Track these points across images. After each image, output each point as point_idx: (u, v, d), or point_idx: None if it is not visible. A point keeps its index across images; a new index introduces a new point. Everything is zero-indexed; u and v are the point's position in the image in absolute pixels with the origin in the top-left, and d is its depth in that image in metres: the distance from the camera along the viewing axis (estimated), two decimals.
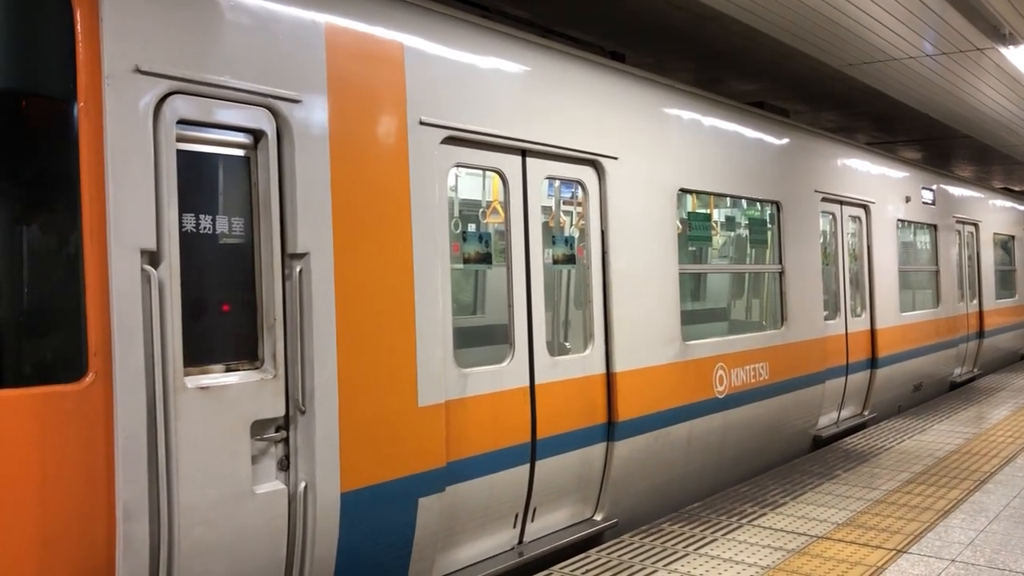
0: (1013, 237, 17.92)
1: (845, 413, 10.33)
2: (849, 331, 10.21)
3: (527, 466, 5.58)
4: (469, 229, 5.62)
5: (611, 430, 6.26)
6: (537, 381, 5.67)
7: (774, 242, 8.76)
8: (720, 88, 9.69)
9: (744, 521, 6.39)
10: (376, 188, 4.61)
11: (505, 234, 5.59)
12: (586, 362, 6.13)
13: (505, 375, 5.46)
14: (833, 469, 7.99)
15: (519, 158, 5.66)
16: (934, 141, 15.30)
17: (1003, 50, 9.16)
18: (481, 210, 6.29)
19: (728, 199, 8.27)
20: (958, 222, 14.39)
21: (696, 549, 5.75)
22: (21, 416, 3.38)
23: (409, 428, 4.70)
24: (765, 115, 8.85)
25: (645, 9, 7.85)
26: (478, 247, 5.47)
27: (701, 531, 6.15)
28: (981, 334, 15.28)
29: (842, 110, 12.65)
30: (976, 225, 15.40)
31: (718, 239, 8.19)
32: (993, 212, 16.54)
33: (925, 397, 12.57)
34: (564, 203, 6.63)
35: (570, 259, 6.22)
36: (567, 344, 6.49)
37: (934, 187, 13.35)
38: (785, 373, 8.51)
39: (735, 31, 8.38)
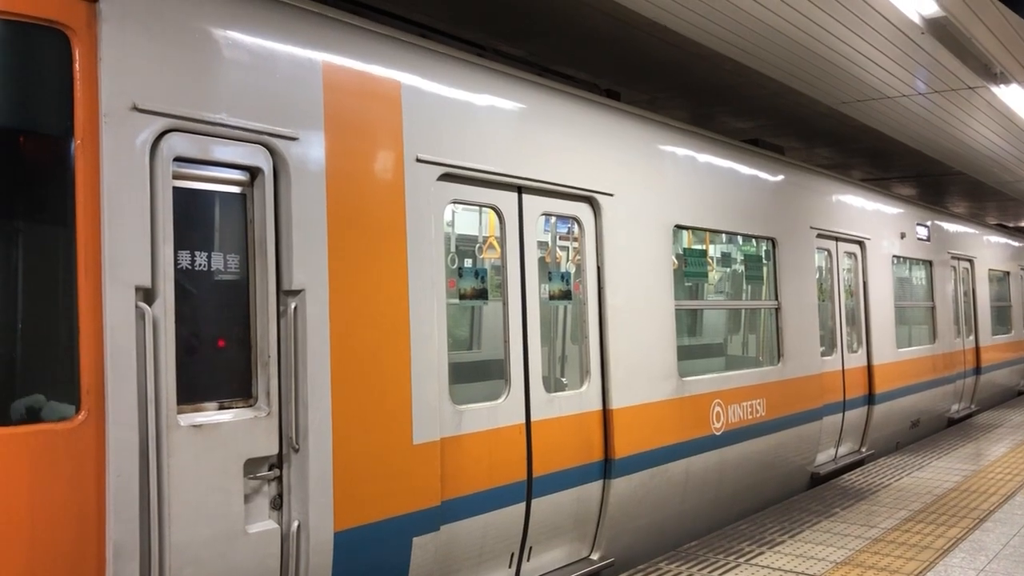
0: (1008, 273, 17.97)
1: (843, 450, 10.28)
2: (846, 367, 10.19)
3: (523, 504, 5.53)
4: (465, 265, 5.62)
5: (608, 467, 6.21)
6: (533, 418, 5.64)
7: (770, 278, 8.77)
8: (714, 125, 9.77)
9: (742, 560, 6.33)
10: (372, 225, 4.61)
11: (501, 270, 5.59)
12: (582, 398, 6.10)
13: (501, 412, 5.42)
14: (831, 507, 7.94)
15: (515, 195, 5.68)
16: (928, 177, 15.44)
17: (995, 89, 9.28)
18: (477, 246, 6.30)
19: (724, 235, 8.29)
20: (953, 258, 14.44)
21: None
22: (11, 454, 3.34)
23: (403, 466, 4.66)
24: (760, 152, 8.91)
25: (639, 48, 7.95)
26: (474, 283, 5.47)
27: (699, 570, 6.10)
28: (978, 370, 15.26)
29: (836, 147, 12.74)
30: (971, 261, 15.45)
31: (714, 275, 8.21)
32: (988, 248, 16.60)
33: (923, 433, 12.52)
34: (560, 239, 6.64)
35: (566, 295, 6.22)
36: (564, 380, 6.46)
37: (929, 223, 13.42)
38: (782, 409, 8.47)
39: (727, 69, 8.47)
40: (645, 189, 6.84)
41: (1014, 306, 18.13)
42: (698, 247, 8.10)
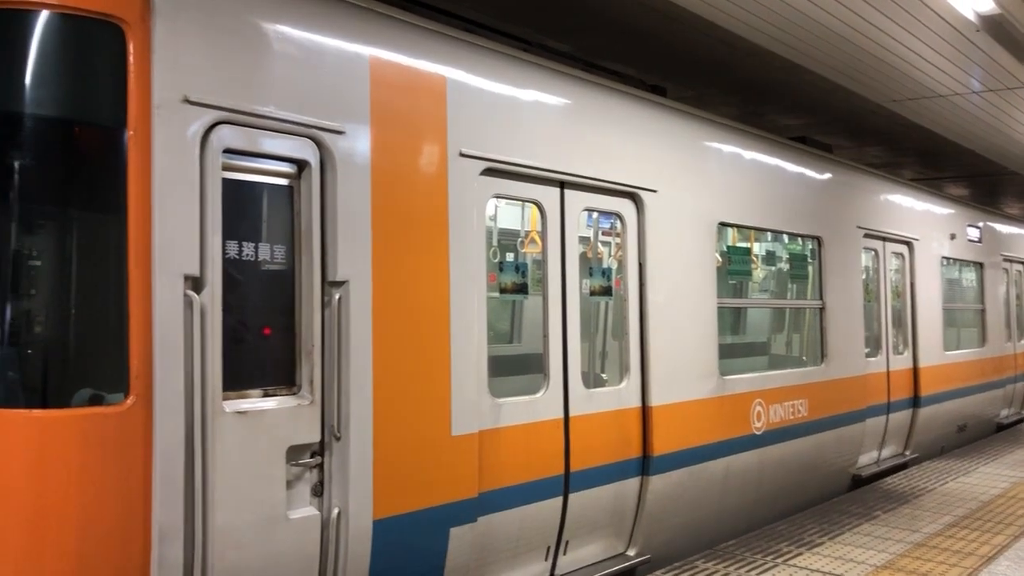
0: None
1: (886, 452, 10.13)
2: (891, 369, 10.04)
3: (560, 499, 5.55)
4: (506, 259, 5.65)
5: (646, 464, 6.20)
6: (571, 413, 5.65)
7: (815, 277, 8.67)
8: (763, 122, 9.68)
9: (780, 560, 6.27)
10: (415, 218, 4.66)
11: (542, 264, 5.61)
12: (621, 395, 6.09)
13: (539, 406, 5.45)
14: (873, 509, 7.82)
15: (557, 190, 5.69)
16: (982, 178, 15.16)
17: None
18: (519, 240, 6.32)
19: (769, 233, 8.22)
20: (1006, 260, 14.13)
21: None
22: (64, 437, 3.45)
23: (442, 457, 4.71)
24: (807, 150, 8.81)
25: (688, 44, 7.90)
26: (514, 277, 5.49)
27: (736, 570, 6.05)
28: None
29: (887, 145, 12.56)
30: None
31: (758, 273, 8.14)
32: None
33: (969, 438, 12.28)
34: (602, 234, 6.64)
35: (607, 291, 6.22)
36: (603, 376, 6.47)
37: (980, 224, 13.15)
38: (825, 410, 8.38)
39: (777, 66, 8.39)
40: (689, 186, 6.80)
41: None
42: (742, 245, 8.04)
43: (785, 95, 9.66)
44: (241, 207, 4.02)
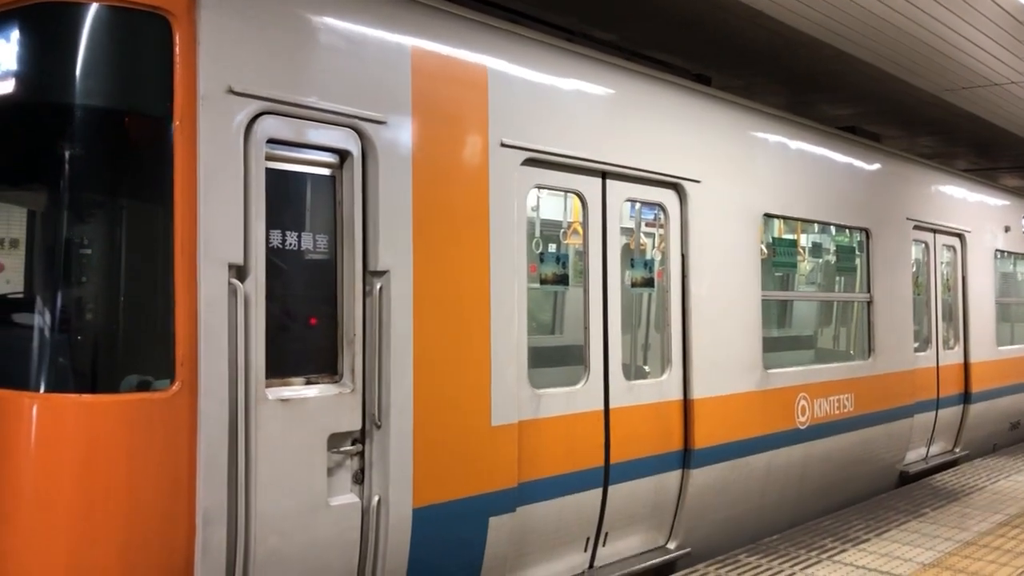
0: None
1: (935, 449, 9.94)
2: (941, 364, 9.84)
3: (600, 490, 5.54)
4: (548, 250, 5.63)
5: (687, 457, 6.16)
6: (612, 405, 5.63)
7: (863, 270, 8.52)
8: (812, 112, 9.53)
9: (824, 556, 6.17)
10: (456, 208, 4.67)
11: (583, 255, 5.59)
12: (663, 387, 6.06)
13: (579, 397, 5.44)
14: (921, 507, 7.68)
15: (599, 180, 5.66)
16: None
17: None
18: (562, 231, 6.31)
19: (815, 225, 8.09)
20: None
21: None
22: (113, 421, 3.53)
23: (482, 447, 4.72)
24: (855, 140, 8.65)
25: (736, 33, 7.81)
26: (555, 268, 5.48)
27: (779, 564, 5.99)
28: None
29: (939, 135, 12.32)
30: None
31: (804, 266, 8.03)
32: None
33: (1023, 436, 12.00)
34: (645, 225, 6.60)
35: (649, 282, 6.18)
36: (645, 368, 6.43)
37: None
38: (871, 405, 8.24)
39: (826, 55, 8.25)
40: (733, 176, 6.72)
41: None
42: (788, 236, 7.93)
43: (834, 85, 9.51)
44: (284, 197, 4.06)
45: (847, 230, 8.58)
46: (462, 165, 4.73)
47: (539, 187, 5.32)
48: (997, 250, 11.42)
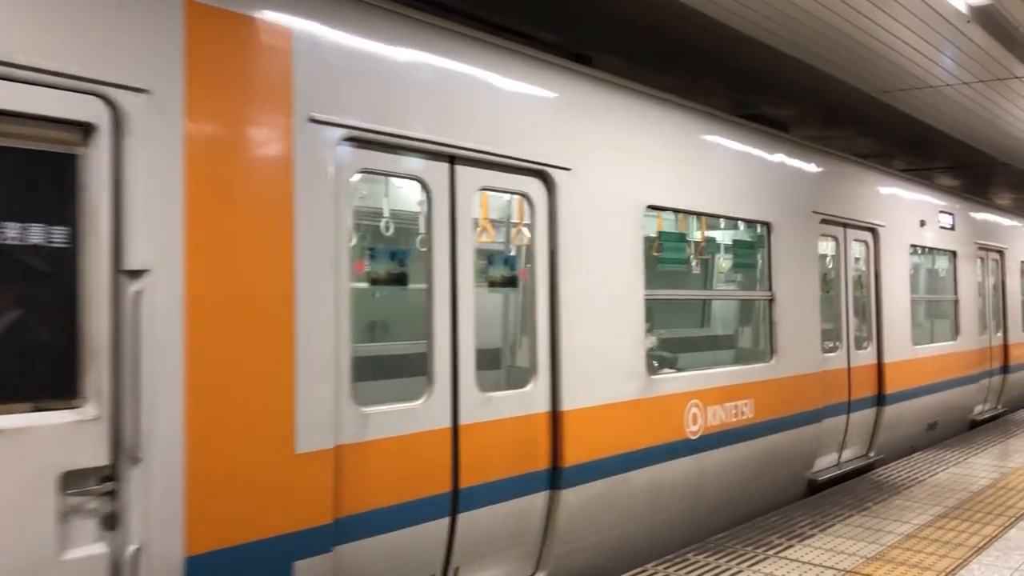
0: None
1: (848, 454, 9.45)
2: (852, 365, 9.35)
3: (446, 520, 4.84)
4: (380, 245, 4.89)
5: (556, 477, 5.50)
6: (462, 421, 4.94)
7: (764, 267, 7.96)
8: (754, 112, 9.13)
9: (771, 553, 6.23)
10: (247, 195, 3.92)
11: (427, 251, 4.88)
12: (527, 399, 5.38)
13: (420, 414, 4.73)
14: (864, 501, 7.82)
15: (446, 165, 4.96)
16: (972, 168, 15.01)
17: None
18: (384, 221, 5.43)
19: (708, 218, 7.50)
20: (981, 249, 13.45)
21: None
22: None
23: (283, 478, 3.99)
24: (756, 128, 8.06)
25: (674, 33, 7.72)
26: (389, 265, 4.75)
27: (727, 562, 6.02)
28: (1006, 368, 14.27)
29: (878, 136, 12.38)
30: (1002, 252, 14.43)
31: (695, 262, 7.43)
32: (1021, 238, 15.54)
33: (941, 437, 11.63)
34: (503, 219, 5.92)
35: (511, 282, 5.50)
36: (505, 378, 5.75)
37: (953, 211, 12.45)
38: (774, 411, 7.69)
39: (764, 55, 8.24)
40: (611, 164, 6.08)
41: None
42: (676, 231, 7.31)
43: (775, 85, 9.45)
44: (6, 180, 3.28)
45: (746, 224, 8.01)
46: (256, 144, 3.97)
47: (366, 172, 4.59)
48: (913, 245, 11.01)
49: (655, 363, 8.08)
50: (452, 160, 4.98)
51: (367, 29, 4.55)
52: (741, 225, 8.16)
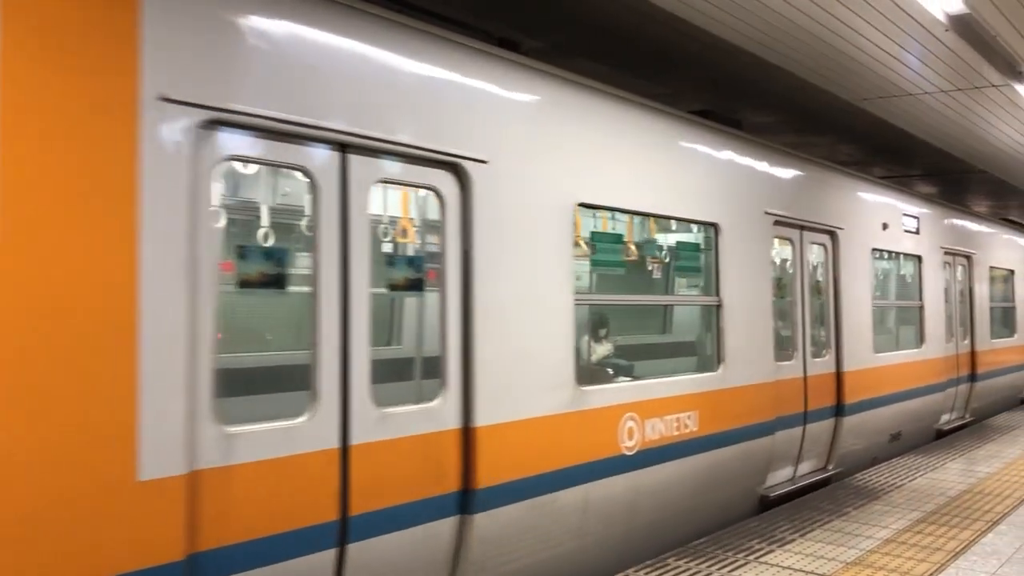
0: (1013, 272, 16.54)
1: (804, 468, 9.00)
2: (809, 374, 8.91)
3: (333, 551, 4.32)
4: (252, 243, 4.36)
5: (467, 500, 5.00)
6: (353, 441, 4.43)
7: (710, 270, 7.48)
8: (735, 120, 8.79)
9: (751, 558, 6.23)
10: (77, 183, 3.39)
11: (313, 250, 4.36)
12: (434, 414, 4.87)
13: (302, 433, 4.21)
14: (843, 506, 7.84)
15: (337, 154, 4.45)
16: (950, 175, 15.00)
17: (1019, 87, 8.97)
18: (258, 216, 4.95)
19: (648, 218, 7.01)
20: (947, 253, 13.07)
21: None
22: None
23: (121, 510, 3.46)
24: (703, 123, 7.58)
25: (656, 40, 7.64)
26: (263, 266, 4.22)
27: (707, 567, 6.01)
28: (973, 376, 13.91)
29: (859, 143, 12.36)
30: (969, 258, 14.07)
31: (633, 265, 6.95)
32: (990, 244, 15.20)
33: (905, 447, 11.22)
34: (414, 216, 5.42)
35: (416, 285, 4.99)
36: (408, 391, 5.25)
37: (918, 214, 12.06)
38: (720, 424, 7.22)
39: (746, 62, 8.17)
40: (535, 157, 5.59)
41: (1019, 307, 16.69)
42: (612, 231, 6.82)
43: (756, 92, 9.40)
44: None
45: (690, 225, 7.54)
46: (90, 125, 3.45)
47: (234, 159, 4.07)
48: (875, 249, 10.60)
49: (610, 371, 7.65)
50: (344, 148, 4.47)
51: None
52: (695, 227, 7.71)
